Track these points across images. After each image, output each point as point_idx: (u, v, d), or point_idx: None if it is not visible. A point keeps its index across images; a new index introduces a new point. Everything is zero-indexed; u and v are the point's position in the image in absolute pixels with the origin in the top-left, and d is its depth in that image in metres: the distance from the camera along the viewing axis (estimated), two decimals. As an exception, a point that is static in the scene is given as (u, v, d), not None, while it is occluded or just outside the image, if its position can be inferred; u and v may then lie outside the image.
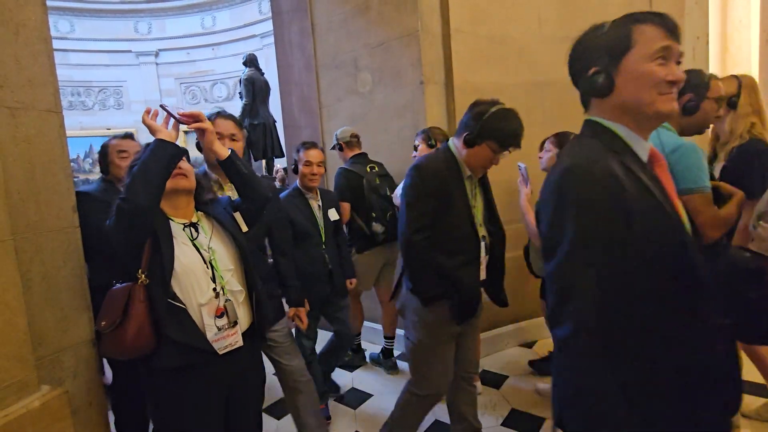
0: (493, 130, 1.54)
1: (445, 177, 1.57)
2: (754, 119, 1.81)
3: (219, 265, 1.29)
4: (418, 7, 2.71)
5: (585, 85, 0.91)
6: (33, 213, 1.33)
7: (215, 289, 1.25)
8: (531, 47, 3.02)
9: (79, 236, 1.47)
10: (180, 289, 1.21)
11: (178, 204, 1.31)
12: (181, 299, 1.20)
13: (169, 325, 1.17)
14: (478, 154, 1.59)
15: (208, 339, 1.22)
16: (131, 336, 1.13)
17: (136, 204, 1.11)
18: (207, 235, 1.32)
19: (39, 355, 1.30)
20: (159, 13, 10.98)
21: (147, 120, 1.21)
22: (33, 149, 1.34)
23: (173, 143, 1.19)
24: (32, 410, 1.18)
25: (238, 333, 1.29)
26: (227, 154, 1.33)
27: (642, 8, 3.08)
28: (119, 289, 1.19)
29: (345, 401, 2.52)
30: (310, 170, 2.22)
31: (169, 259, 1.19)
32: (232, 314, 1.27)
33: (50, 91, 1.40)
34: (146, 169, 1.14)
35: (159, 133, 1.20)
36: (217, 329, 1.24)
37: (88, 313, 1.47)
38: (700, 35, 3.13)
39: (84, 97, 10.90)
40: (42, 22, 1.39)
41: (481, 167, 1.64)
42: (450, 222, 1.58)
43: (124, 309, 1.15)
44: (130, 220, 1.12)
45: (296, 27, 3.50)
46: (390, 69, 2.91)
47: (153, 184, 1.14)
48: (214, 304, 1.24)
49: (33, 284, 1.31)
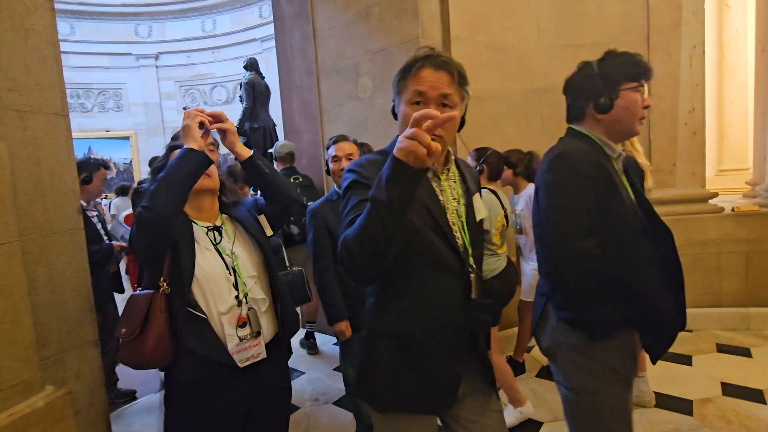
0: (619, 68, 1.24)
1: (599, 160, 1.19)
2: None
3: (242, 272, 1.22)
4: (419, 14, 2.75)
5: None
6: (39, 214, 1.35)
7: (237, 297, 1.19)
8: (530, 55, 3.06)
9: (83, 238, 1.48)
10: (200, 296, 1.16)
11: (202, 206, 1.26)
12: (202, 308, 1.15)
13: (187, 335, 1.12)
14: (623, 109, 1.22)
15: (229, 350, 1.16)
16: (150, 348, 1.09)
17: (158, 213, 1.05)
18: (230, 240, 1.26)
19: (43, 355, 1.32)
20: (159, 16, 11.02)
21: (190, 123, 1.15)
22: (40, 152, 1.36)
23: (202, 152, 1.13)
24: (36, 410, 1.19)
25: (261, 344, 1.22)
26: (249, 154, 1.28)
27: (639, 19, 3.15)
28: (141, 296, 1.14)
29: (345, 405, 2.52)
30: (339, 166, 1.91)
31: (188, 265, 1.14)
32: (255, 324, 1.20)
33: (57, 95, 1.42)
34: (171, 178, 1.09)
35: (191, 140, 1.13)
36: (239, 340, 1.17)
37: (91, 314, 1.49)
38: (697, 44, 3.18)
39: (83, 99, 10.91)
40: (50, 26, 1.42)
41: (632, 124, 1.24)
42: (617, 217, 1.17)
43: (144, 318, 1.11)
44: (151, 228, 1.07)
45: (297, 32, 3.53)
46: (390, 75, 2.91)
47: (177, 194, 1.09)
48: (236, 312, 1.18)
49: (38, 285, 1.33)
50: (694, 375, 2.59)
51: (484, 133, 2.79)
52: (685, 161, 3.22)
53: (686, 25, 3.13)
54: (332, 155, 1.93)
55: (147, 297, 1.13)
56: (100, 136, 10.93)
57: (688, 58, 3.17)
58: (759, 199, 3.33)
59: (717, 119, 5.41)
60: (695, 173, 3.25)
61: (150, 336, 1.10)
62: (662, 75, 3.17)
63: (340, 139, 1.97)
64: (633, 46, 3.17)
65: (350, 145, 1.96)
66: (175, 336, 1.13)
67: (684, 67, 3.17)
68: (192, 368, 1.14)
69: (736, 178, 4.92)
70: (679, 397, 2.35)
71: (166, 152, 1.29)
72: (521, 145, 2.63)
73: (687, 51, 3.16)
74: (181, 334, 1.12)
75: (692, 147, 3.23)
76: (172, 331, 1.13)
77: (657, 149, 3.22)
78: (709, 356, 2.80)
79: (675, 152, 3.22)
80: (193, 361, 1.13)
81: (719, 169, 5.43)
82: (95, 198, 2.70)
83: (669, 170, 3.24)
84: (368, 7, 3.02)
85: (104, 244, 2.44)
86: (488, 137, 2.54)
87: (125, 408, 2.60)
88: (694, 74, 3.20)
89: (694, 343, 2.99)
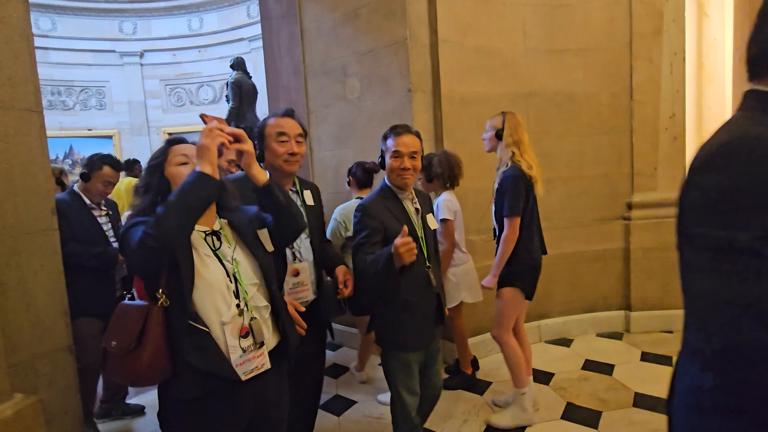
0: None
1: None
2: (514, 149, 2.15)
3: (243, 279, 1.16)
4: (407, 16, 2.75)
5: None
6: (10, 215, 1.29)
7: (239, 306, 1.13)
8: (516, 59, 3.09)
9: (57, 239, 1.43)
10: (201, 305, 1.09)
11: None
12: (203, 318, 1.08)
13: (189, 351, 1.05)
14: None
15: (233, 362, 1.09)
16: (146, 364, 1.02)
17: (164, 243, 0.99)
18: (231, 246, 1.19)
19: (13, 362, 1.26)
20: (144, 13, 10.83)
21: (209, 144, 1.05)
22: (12, 149, 1.31)
23: (217, 181, 1.05)
24: (4, 419, 1.14)
25: (265, 354, 1.17)
26: (266, 179, 1.22)
27: (623, 26, 3.21)
28: (135, 308, 1.06)
29: (329, 408, 2.50)
30: (400, 164, 1.64)
31: (188, 275, 1.07)
32: (258, 334, 1.14)
33: (31, 90, 1.38)
34: (182, 205, 1.01)
35: (206, 164, 1.04)
36: (242, 351, 1.11)
37: (65, 318, 1.44)
38: (677, 51, 3.25)
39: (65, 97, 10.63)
40: (24, 19, 1.37)
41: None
42: None
43: (140, 332, 1.03)
44: (153, 255, 1.01)
45: (285, 32, 3.50)
46: (378, 76, 2.94)
47: (186, 223, 1.02)
48: (238, 322, 1.12)
49: (8, 288, 1.27)
50: (675, 376, 2.64)
51: (471, 136, 2.80)
52: (666, 166, 3.29)
53: (667, 33, 3.21)
54: (392, 150, 1.65)
55: (142, 309, 1.06)
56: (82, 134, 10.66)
57: (669, 65, 3.24)
58: (736, 203, 3.42)
59: (696, 125, 5.54)
60: (676, 177, 3.32)
61: (146, 351, 1.02)
62: (644, 81, 3.24)
63: (402, 132, 1.66)
64: (616, 52, 3.24)
65: (413, 139, 1.66)
66: (172, 350, 1.06)
67: (665, 73, 3.24)
68: (192, 385, 1.07)
69: (714, 182, 5.05)
70: (659, 397, 2.39)
71: (164, 147, 1.19)
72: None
73: (668, 58, 3.23)
74: (181, 348, 1.05)
75: (673, 152, 3.30)
76: (169, 346, 1.06)
77: (638, 154, 3.29)
78: (689, 357, 2.86)
79: (656, 157, 3.29)
80: (193, 376, 1.07)
81: (699, 174, 5.57)
82: (99, 198, 2.29)
83: (650, 174, 3.30)
84: (356, 8, 3.01)
85: (109, 248, 2.23)
86: (474, 140, 2.55)
87: (131, 421, 2.49)
88: (675, 80, 3.27)
89: (674, 344, 3.05)
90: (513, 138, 2.16)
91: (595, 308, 3.33)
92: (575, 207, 3.27)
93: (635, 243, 3.24)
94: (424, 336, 1.70)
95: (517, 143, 2.16)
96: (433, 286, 1.68)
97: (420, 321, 1.67)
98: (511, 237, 2.10)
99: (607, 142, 3.28)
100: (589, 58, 3.16)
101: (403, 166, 1.64)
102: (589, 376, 2.69)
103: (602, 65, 3.19)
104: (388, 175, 1.71)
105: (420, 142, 1.70)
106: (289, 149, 1.54)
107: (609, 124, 3.26)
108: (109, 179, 2.26)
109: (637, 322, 3.28)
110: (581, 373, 2.73)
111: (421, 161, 1.72)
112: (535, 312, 3.21)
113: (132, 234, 1.03)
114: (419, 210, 1.74)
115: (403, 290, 1.63)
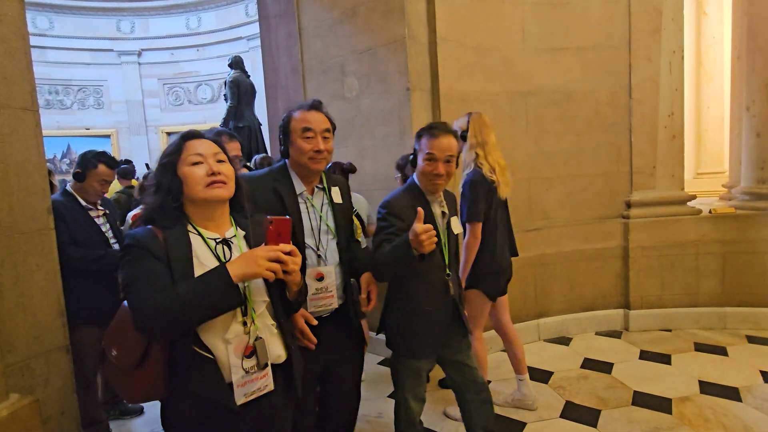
0: None
1: None
2: (478, 151, 2.11)
3: (252, 294, 1.07)
4: (405, 15, 2.74)
5: None
6: (5, 214, 1.29)
7: (245, 323, 1.04)
8: (515, 58, 3.09)
9: (53, 239, 1.42)
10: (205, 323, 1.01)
11: (212, 215, 1.07)
12: (206, 334, 1.01)
13: (192, 378, 0.99)
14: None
15: (234, 382, 1.02)
16: (145, 387, 1.00)
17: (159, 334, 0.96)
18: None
19: (8, 362, 1.26)
20: (142, 12, 10.79)
21: (261, 273, 0.95)
22: (7, 148, 1.30)
23: (241, 295, 0.99)
24: (0, 420, 1.14)
25: (269, 375, 1.08)
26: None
27: (621, 25, 3.21)
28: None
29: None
30: (433, 169, 1.52)
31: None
32: (263, 355, 1.05)
33: (26, 89, 1.37)
34: (194, 306, 0.93)
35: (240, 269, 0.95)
36: (245, 372, 1.03)
37: (61, 318, 1.43)
38: (676, 50, 3.25)
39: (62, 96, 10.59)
40: (19, 17, 1.36)
41: None
42: None
43: (143, 354, 0.99)
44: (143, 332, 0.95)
45: (283, 31, 3.49)
46: (377, 75, 2.93)
47: (190, 323, 0.96)
48: (243, 340, 1.03)
49: (4, 288, 1.27)
50: (673, 374, 2.64)
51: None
52: (665, 164, 3.29)
53: (666, 31, 3.20)
54: (426, 152, 1.53)
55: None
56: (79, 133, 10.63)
57: (668, 64, 3.24)
58: (735, 201, 3.43)
59: (695, 124, 5.56)
60: (674, 176, 3.33)
61: (146, 374, 0.99)
62: (643, 79, 3.23)
63: (439, 133, 1.52)
64: (615, 50, 3.23)
65: (450, 142, 1.52)
66: (172, 373, 1.01)
67: (664, 72, 3.24)
68: (192, 409, 1.02)
69: (713, 181, 5.06)
70: (658, 395, 2.40)
71: (179, 143, 1.07)
72: (506, 147, 2.64)
73: (667, 56, 3.23)
74: (184, 375, 0.99)
75: (671, 150, 3.30)
76: (169, 369, 1.02)
77: (637, 152, 3.29)
78: (687, 355, 2.86)
79: (655, 155, 3.29)
80: (193, 401, 1.01)
81: (697, 172, 5.58)
82: (95, 198, 2.22)
83: (649, 173, 3.30)
84: (355, 6, 2.99)
85: (110, 251, 2.16)
86: (473, 139, 2.55)
87: (129, 421, 2.48)
88: (674, 79, 3.27)
89: (673, 342, 3.06)
90: (477, 139, 2.12)
91: (594, 307, 3.34)
92: (574, 205, 3.27)
93: (634, 241, 3.24)
94: (436, 343, 1.63)
95: (481, 144, 2.12)
96: (451, 294, 1.62)
97: (433, 328, 1.60)
98: (472, 242, 2.06)
99: (605, 141, 3.28)
100: (587, 56, 3.16)
101: (436, 172, 1.50)
102: (588, 374, 2.69)
103: (601, 64, 3.18)
104: (419, 177, 1.58)
105: (457, 143, 1.56)
106: (315, 146, 1.38)
107: (608, 122, 3.26)
108: (105, 177, 2.19)
109: (635, 321, 3.28)
110: (580, 371, 2.73)
111: (456, 164, 1.56)
112: (534, 310, 3.21)
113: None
114: (446, 214, 1.63)
115: (420, 297, 1.56)
